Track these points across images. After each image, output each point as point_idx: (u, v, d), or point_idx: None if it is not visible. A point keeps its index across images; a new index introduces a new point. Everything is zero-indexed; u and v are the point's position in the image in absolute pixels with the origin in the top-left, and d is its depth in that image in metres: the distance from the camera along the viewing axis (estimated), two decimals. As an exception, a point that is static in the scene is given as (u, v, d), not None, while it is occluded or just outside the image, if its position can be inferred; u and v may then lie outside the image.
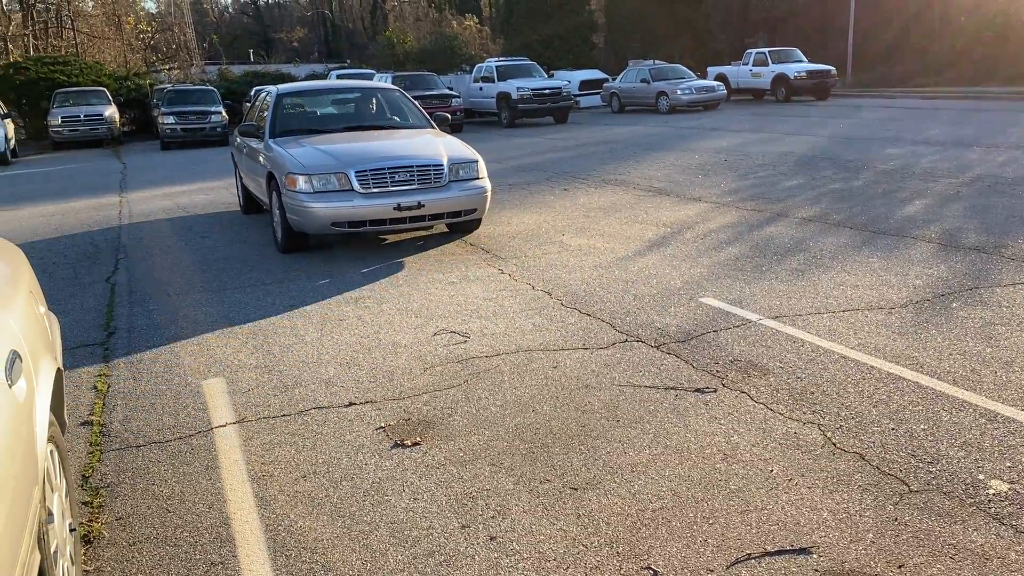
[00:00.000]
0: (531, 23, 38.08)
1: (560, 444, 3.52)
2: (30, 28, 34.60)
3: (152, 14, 57.05)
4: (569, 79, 28.88)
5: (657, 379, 4.17)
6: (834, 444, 3.39)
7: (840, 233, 7.26)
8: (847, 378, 4.06)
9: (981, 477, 3.07)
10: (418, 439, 3.62)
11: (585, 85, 29.49)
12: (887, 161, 11.74)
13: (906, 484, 3.05)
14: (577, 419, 3.75)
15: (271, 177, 7.56)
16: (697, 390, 4.02)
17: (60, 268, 7.50)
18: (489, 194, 7.48)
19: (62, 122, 22.65)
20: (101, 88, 25.68)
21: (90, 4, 39.45)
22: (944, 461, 3.21)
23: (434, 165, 7.18)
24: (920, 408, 3.68)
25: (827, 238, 7.09)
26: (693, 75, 27.16)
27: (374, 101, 9.33)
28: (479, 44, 49.60)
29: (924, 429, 3.48)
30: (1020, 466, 3.14)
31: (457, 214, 7.34)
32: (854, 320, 4.90)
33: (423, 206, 7.03)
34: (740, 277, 6.00)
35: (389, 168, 7.04)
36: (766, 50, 28.25)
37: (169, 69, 35.14)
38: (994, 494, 2.95)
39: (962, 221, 7.46)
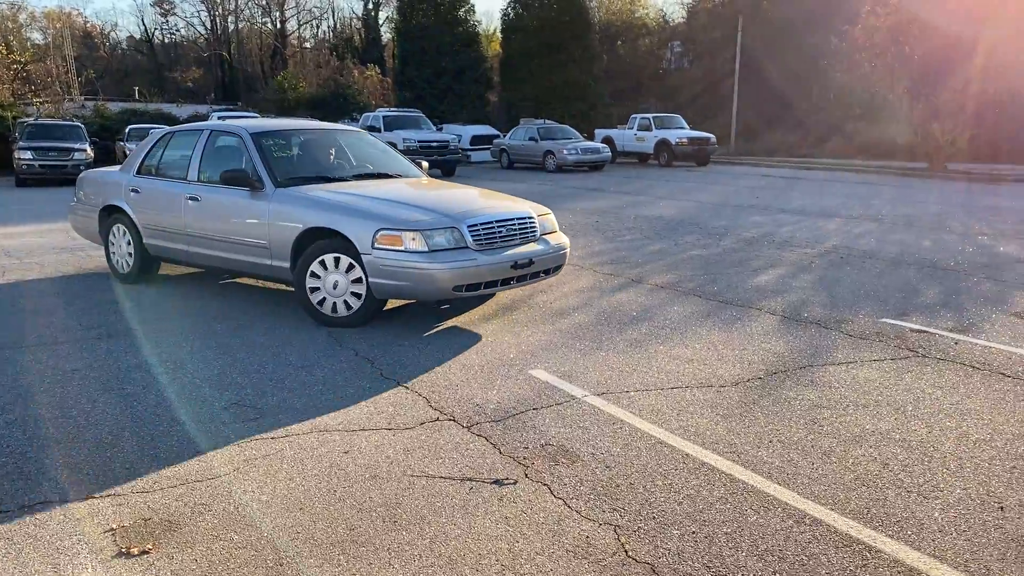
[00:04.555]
0: (425, 76, 38.13)
1: (317, 555, 3.01)
2: None
3: (38, 45, 54.55)
4: (460, 133, 28.87)
5: (456, 468, 3.74)
6: (626, 552, 3.02)
7: (688, 302, 7.09)
8: (659, 468, 3.73)
9: (775, 595, 2.75)
10: (149, 546, 3.05)
11: (476, 140, 29.53)
12: (750, 229, 11.88)
13: (693, 604, 2.69)
14: (349, 520, 3.26)
15: (305, 238, 6.21)
16: (496, 481, 3.60)
17: None
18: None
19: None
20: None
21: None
22: (740, 574, 2.87)
23: (529, 218, 6.53)
24: (728, 506, 3.36)
25: (674, 307, 6.90)
26: (580, 136, 27.57)
27: (355, 145, 7.99)
28: (380, 94, 49.41)
29: (726, 533, 3.15)
30: (819, 580, 2.83)
31: (555, 268, 6.68)
32: (681, 399, 4.62)
33: (533, 263, 6.32)
34: (578, 347, 5.68)
35: (497, 222, 6.25)
36: (650, 116, 29.02)
37: (41, 103, 33.26)
38: (785, 617, 2.62)
39: (809, 293, 7.43)
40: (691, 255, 9.62)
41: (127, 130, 26.49)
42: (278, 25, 66.30)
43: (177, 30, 70.37)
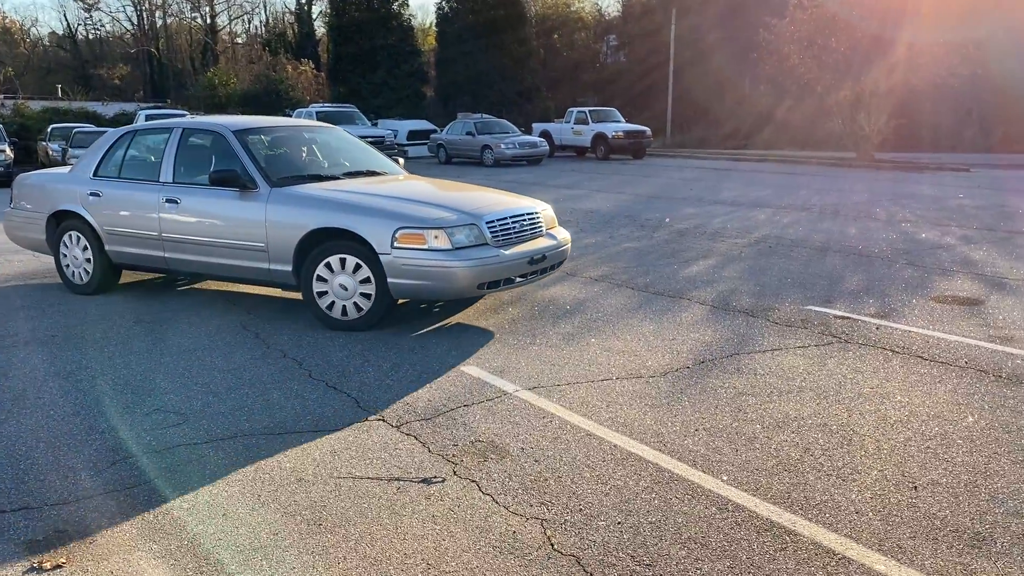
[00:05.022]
0: (359, 71, 37.72)
1: (239, 561, 2.96)
2: None
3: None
4: (396, 128, 28.67)
5: (384, 468, 3.70)
6: (552, 545, 3.03)
7: (621, 294, 7.16)
8: (587, 460, 3.75)
9: (697, 581, 2.79)
10: (63, 560, 2.95)
11: (413, 135, 29.35)
12: (683, 220, 12.06)
13: (617, 595, 2.72)
14: (272, 525, 3.20)
15: (310, 240, 5.98)
16: (424, 480, 3.58)
17: None
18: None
19: None
20: None
21: None
22: (664, 563, 2.90)
23: (536, 213, 6.49)
24: (653, 496, 3.40)
25: (608, 299, 6.96)
26: (518, 130, 27.61)
27: (334, 142, 7.69)
28: (315, 90, 48.74)
29: (652, 523, 3.18)
30: (740, 565, 2.88)
31: (559, 263, 6.64)
32: (611, 391, 4.66)
33: (546, 258, 6.29)
34: (511, 342, 5.69)
35: (511, 217, 6.18)
36: (586, 109, 29.20)
37: (-45, 101, 31.98)
38: (706, 603, 2.66)
39: (738, 283, 7.57)
40: (625, 247, 9.72)
41: (49, 129, 25.63)
42: (208, 20, 64.84)
43: (102, 25, 68.40)
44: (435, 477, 3.61)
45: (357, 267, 5.89)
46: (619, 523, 3.19)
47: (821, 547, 3.00)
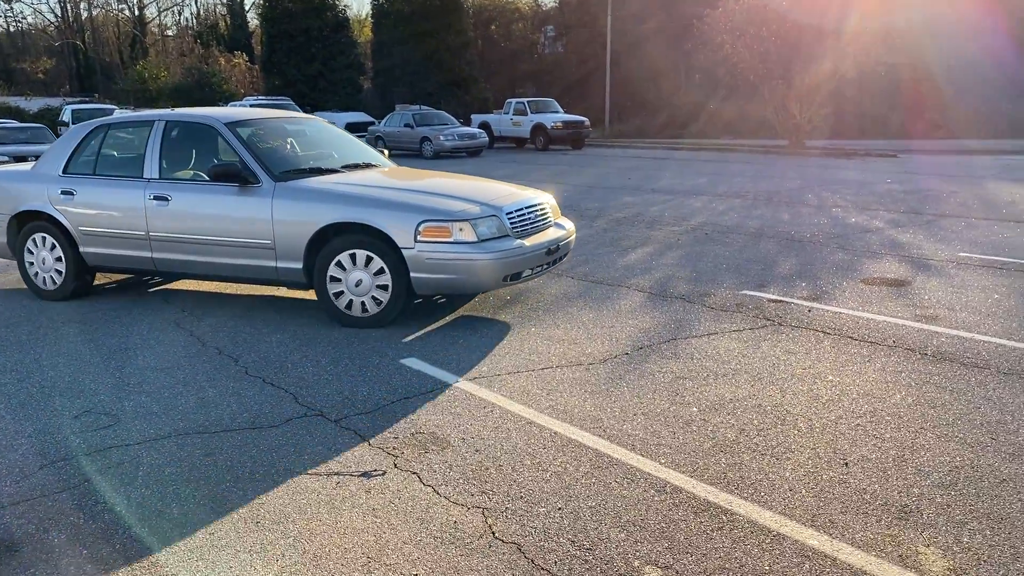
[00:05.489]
0: (294, 62, 37.11)
1: (174, 561, 2.89)
2: None
3: None
4: (334, 121, 28.23)
5: (323, 463, 3.66)
6: (493, 534, 3.03)
7: (561, 283, 7.20)
8: (527, 448, 3.76)
9: (636, 564, 2.82)
10: (-14, 569, 2.85)
11: (350, 127, 28.89)
12: (622, 209, 12.18)
13: (557, 580, 2.74)
14: (208, 524, 3.14)
15: (321, 236, 5.80)
16: (364, 474, 3.55)
17: None
18: None
19: None
20: None
21: None
22: (603, 546, 2.93)
23: (545, 204, 6.47)
24: (593, 480, 3.44)
25: (548, 289, 6.99)
26: (457, 122, 27.49)
27: (320, 134, 7.44)
28: (249, 82, 47.79)
29: (591, 507, 3.21)
30: (677, 545, 2.93)
31: (567, 253, 6.60)
32: (551, 379, 4.68)
33: (559, 248, 6.26)
34: (451, 334, 5.67)
35: (527, 208, 6.15)
36: (525, 100, 29.21)
37: None
38: (645, 584, 2.70)
39: (675, 270, 7.68)
40: (564, 237, 9.76)
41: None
42: (136, 12, 63.05)
43: (24, 18, 65.91)
44: (375, 470, 3.58)
45: (369, 261, 5.72)
46: (559, 509, 3.21)
47: (756, 525, 3.07)
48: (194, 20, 64.94)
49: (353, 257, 5.76)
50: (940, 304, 6.23)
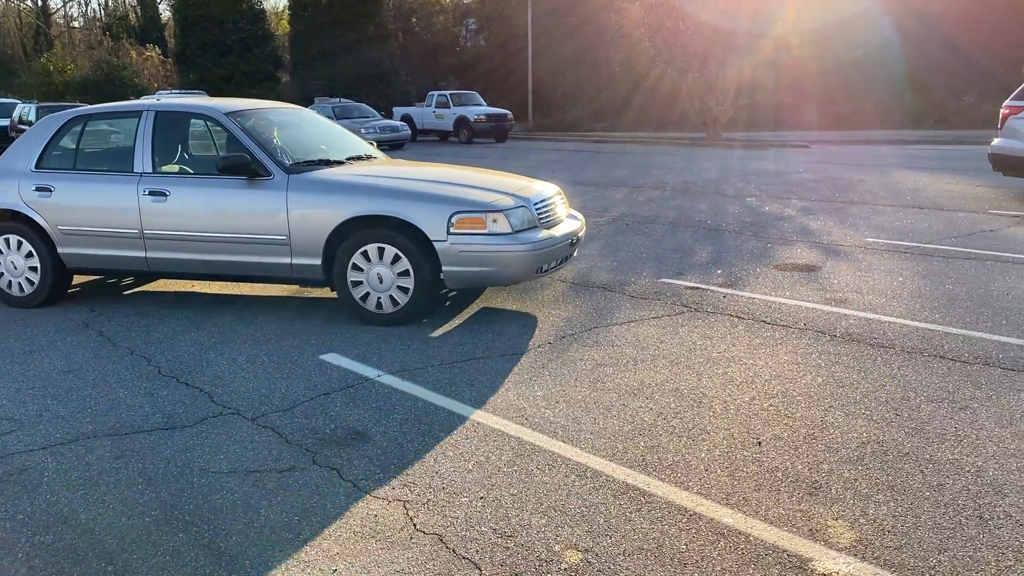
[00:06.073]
0: (209, 55, 36.11)
1: (81, 570, 2.78)
2: None
3: None
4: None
5: (239, 462, 3.58)
6: (415, 526, 3.02)
7: (484, 275, 7.19)
8: (449, 439, 3.76)
9: (557, 548, 2.84)
10: None
11: (269, 122, 28.37)
12: (545, 201, 12.23)
13: (479, 568, 2.74)
14: (119, 529, 3.04)
15: (341, 230, 5.57)
16: (281, 471, 3.48)
17: None
18: None
19: None
20: None
21: None
22: (524, 532, 2.95)
23: (560, 195, 6.39)
24: (515, 468, 3.45)
25: (470, 281, 6.98)
26: (378, 115, 27.23)
27: (310, 124, 7.10)
28: (163, 76, 46.33)
29: (513, 495, 3.23)
30: (597, 528, 2.96)
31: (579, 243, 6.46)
32: (474, 370, 4.68)
33: (579, 239, 6.23)
34: (373, 328, 5.61)
35: (548, 199, 6.05)
36: (447, 93, 29.14)
37: None
38: (566, 568, 2.72)
39: (597, 260, 7.77)
40: (487, 229, 9.76)
41: None
42: (39, 2, 60.31)
43: (-86, 7, 62.21)
44: (295, 467, 3.52)
45: (396, 257, 5.52)
46: (481, 498, 3.21)
47: (674, 505, 3.13)
48: (102, 11, 62.49)
49: (380, 251, 5.55)
50: (848, 288, 6.47)
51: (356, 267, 5.61)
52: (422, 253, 5.48)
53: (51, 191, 6.23)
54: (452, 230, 5.43)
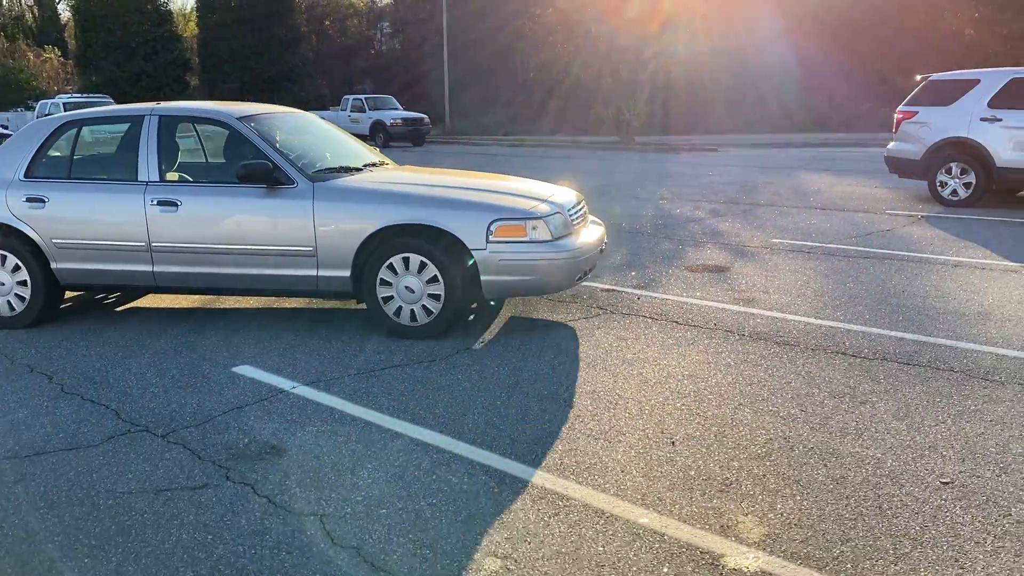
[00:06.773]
0: (113, 58, 34.84)
1: (-24, 600, 2.66)
2: None
3: None
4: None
5: (148, 481, 3.47)
6: (332, 540, 2.98)
7: (401, 282, 7.15)
8: (367, 450, 3.73)
9: (477, 556, 2.86)
10: None
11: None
12: (462, 205, 12.24)
13: (398, 579, 2.72)
14: (18, 557, 2.91)
15: (372, 240, 5.33)
16: (193, 489, 3.39)
17: None
18: None
19: None
20: None
21: None
22: (444, 542, 2.95)
23: (584, 201, 6.18)
24: (433, 477, 3.45)
25: (387, 288, 6.93)
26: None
27: (315, 129, 6.76)
28: (64, 79, 44.45)
29: (432, 504, 3.22)
30: (516, 534, 2.99)
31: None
32: (392, 378, 4.66)
33: (606, 245, 6.11)
34: (287, 339, 5.51)
35: (577, 205, 5.91)
36: (363, 97, 28.88)
37: None
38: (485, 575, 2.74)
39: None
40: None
41: None
42: (-75, 0, 57.02)
43: None
44: (207, 484, 3.44)
45: (423, 267, 5.33)
46: (400, 509, 3.20)
47: (591, 508, 3.18)
48: (-5, 11, 59.50)
49: (403, 262, 5.37)
50: (756, 287, 6.69)
51: (384, 281, 5.43)
52: (456, 262, 5.33)
53: (44, 202, 5.82)
54: (491, 238, 5.25)
